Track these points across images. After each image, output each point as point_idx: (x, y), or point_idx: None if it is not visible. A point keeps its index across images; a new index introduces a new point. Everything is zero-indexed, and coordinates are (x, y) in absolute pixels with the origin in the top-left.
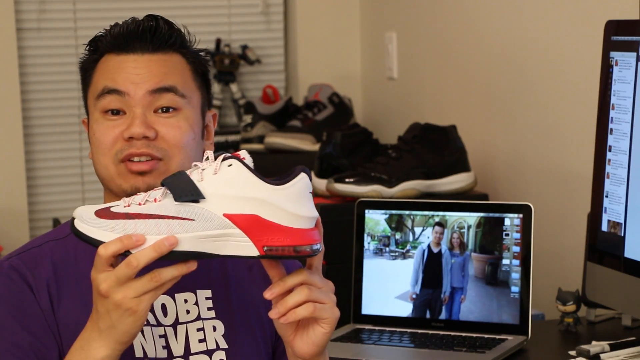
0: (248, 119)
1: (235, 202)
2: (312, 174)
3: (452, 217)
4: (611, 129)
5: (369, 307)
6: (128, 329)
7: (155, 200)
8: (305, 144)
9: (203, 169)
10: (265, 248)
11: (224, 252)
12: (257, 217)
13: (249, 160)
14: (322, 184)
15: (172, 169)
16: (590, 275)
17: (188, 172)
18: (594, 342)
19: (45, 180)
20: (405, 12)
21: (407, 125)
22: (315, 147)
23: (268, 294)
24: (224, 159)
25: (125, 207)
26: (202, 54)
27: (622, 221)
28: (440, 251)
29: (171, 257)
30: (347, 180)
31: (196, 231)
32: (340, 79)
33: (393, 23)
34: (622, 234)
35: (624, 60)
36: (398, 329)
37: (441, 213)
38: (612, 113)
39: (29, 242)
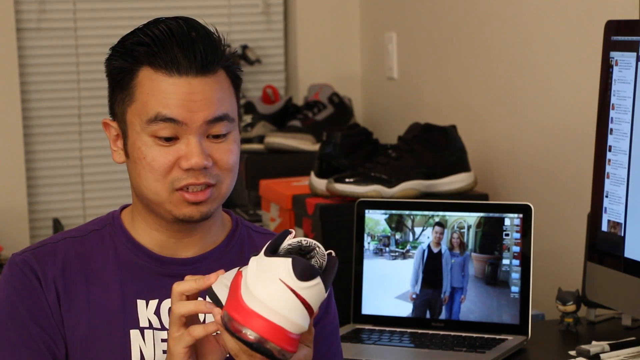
0: (248, 119)
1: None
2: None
3: (452, 217)
4: (611, 129)
5: (369, 307)
6: None
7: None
8: (305, 144)
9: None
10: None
11: None
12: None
13: (320, 258)
14: (322, 184)
15: (223, 192)
16: (590, 275)
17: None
18: (594, 342)
19: (45, 180)
20: (405, 12)
21: (407, 125)
22: (315, 147)
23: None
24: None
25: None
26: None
27: (622, 221)
28: (440, 251)
29: None
30: (347, 180)
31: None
32: (340, 79)
33: (393, 23)
34: (622, 234)
35: (624, 60)
36: (398, 329)
37: (441, 213)
38: (612, 113)
39: (49, 237)
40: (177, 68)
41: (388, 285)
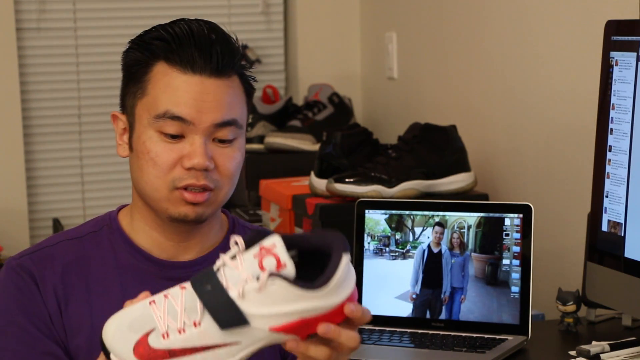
0: (248, 119)
1: (280, 316)
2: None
3: (452, 217)
4: (611, 129)
5: (369, 307)
6: None
7: (194, 324)
8: (305, 144)
9: (245, 284)
10: (311, 335)
11: None
12: (303, 320)
13: (283, 256)
14: (322, 184)
15: (220, 198)
16: (590, 275)
17: (222, 278)
18: (594, 342)
19: (45, 180)
20: (405, 12)
21: (407, 125)
22: (315, 147)
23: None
24: (270, 275)
25: (163, 337)
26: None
27: (622, 221)
28: (440, 251)
29: None
30: (347, 180)
31: (243, 351)
32: (340, 79)
33: (393, 23)
34: (622, 234)
35: (624, 60)
36: (398, 329)
37: (441, 213)
38: (612, 113)
39: (45, 239)
40: (191, 66)
41: (388, 285)
